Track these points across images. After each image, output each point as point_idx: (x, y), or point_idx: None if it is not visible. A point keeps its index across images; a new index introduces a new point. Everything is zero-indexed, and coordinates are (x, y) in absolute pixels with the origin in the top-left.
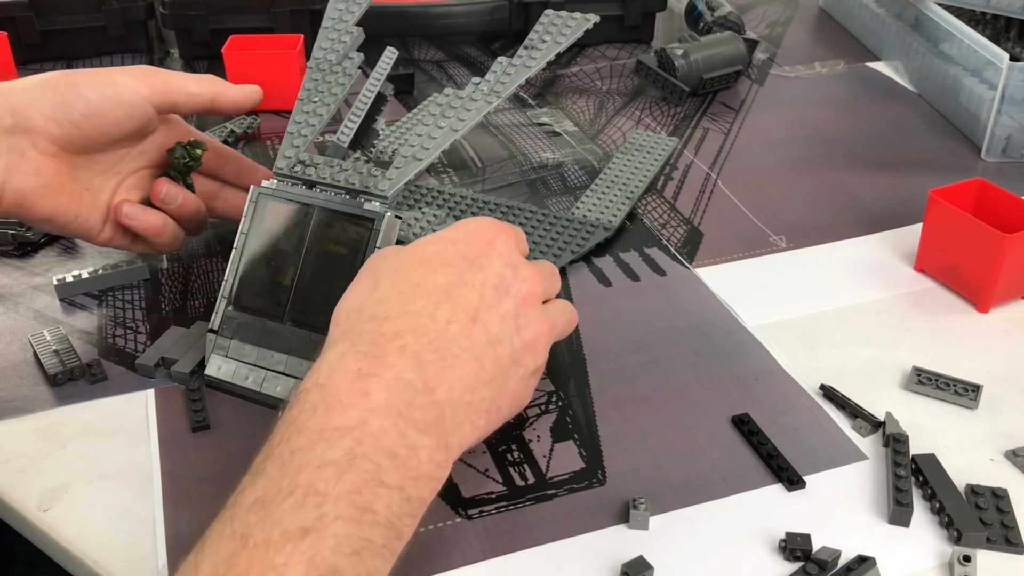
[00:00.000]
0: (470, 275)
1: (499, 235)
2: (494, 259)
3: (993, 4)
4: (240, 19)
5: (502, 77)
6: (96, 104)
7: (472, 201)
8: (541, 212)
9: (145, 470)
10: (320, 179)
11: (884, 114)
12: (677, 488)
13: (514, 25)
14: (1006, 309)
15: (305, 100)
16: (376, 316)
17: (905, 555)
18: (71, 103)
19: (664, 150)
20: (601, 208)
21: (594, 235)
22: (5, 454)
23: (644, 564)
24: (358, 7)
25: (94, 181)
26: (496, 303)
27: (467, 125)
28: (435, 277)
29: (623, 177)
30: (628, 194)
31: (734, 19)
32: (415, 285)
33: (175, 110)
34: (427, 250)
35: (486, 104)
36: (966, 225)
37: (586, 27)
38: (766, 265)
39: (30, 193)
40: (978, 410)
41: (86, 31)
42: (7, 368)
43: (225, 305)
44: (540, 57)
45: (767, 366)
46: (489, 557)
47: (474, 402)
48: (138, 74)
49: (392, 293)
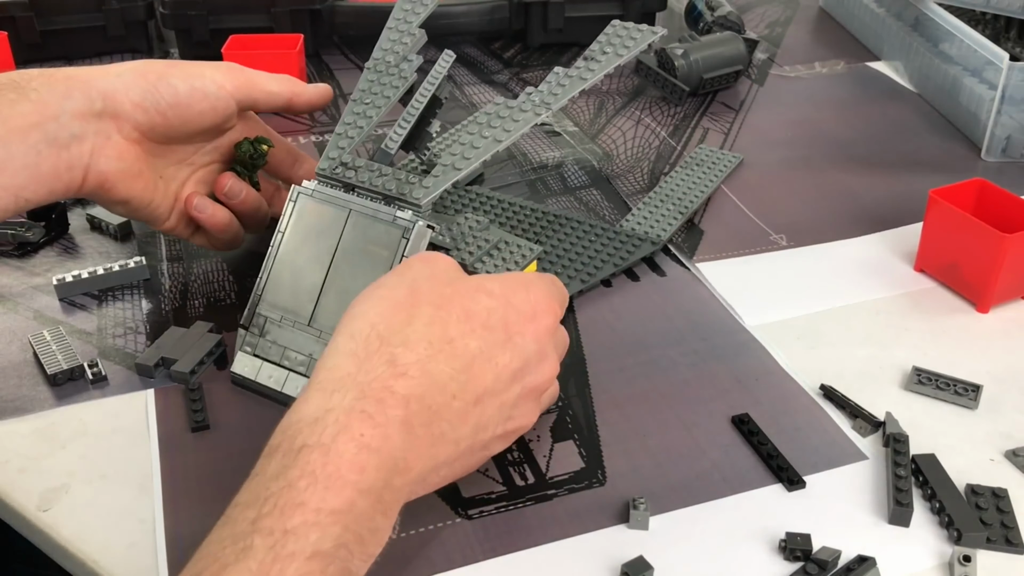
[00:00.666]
0: (499, 351)
1: (548, 313)
2: (529, 340)
3: (993, 4)
4: (240, 19)
5: (555, 88)
6: (183, 95)
7: (520, 209)
8: (589, 223)
9: (145, 470)
10: (358, 183)
11: (884, 114)
12: (677, 488)
13: (514, 25)
14: (1006, 309)
15: (357, 101)
16: (396, 362)
17: (905, 555)
18: (159, 91)
19: (727, 166)
20: (652, 221)
21: (640, 248)
22: (5, 454)
23: (644, 564)
24: (424, 8)
25: (168, 170)
26: (504, 389)
27: (512, 136)
28: (469, 340)
29: (679, 192)
30: (682, 209)
31: (734, 19)
32: (447, 341)
33: (255, 107)
34: (479, 303)
35: (534, 116)
36: (966, 225)
37: (651, 40)
38: (766, 264)
39: (111, 176)
40: (978, 410)
41: (86, 31)
42: (7, 368)
43: (255, 301)
44: (599, 69)
45: (767, 366)
46: (489, 557)
47: (432, 481)
48: (224, 69)
49: (422, 341)
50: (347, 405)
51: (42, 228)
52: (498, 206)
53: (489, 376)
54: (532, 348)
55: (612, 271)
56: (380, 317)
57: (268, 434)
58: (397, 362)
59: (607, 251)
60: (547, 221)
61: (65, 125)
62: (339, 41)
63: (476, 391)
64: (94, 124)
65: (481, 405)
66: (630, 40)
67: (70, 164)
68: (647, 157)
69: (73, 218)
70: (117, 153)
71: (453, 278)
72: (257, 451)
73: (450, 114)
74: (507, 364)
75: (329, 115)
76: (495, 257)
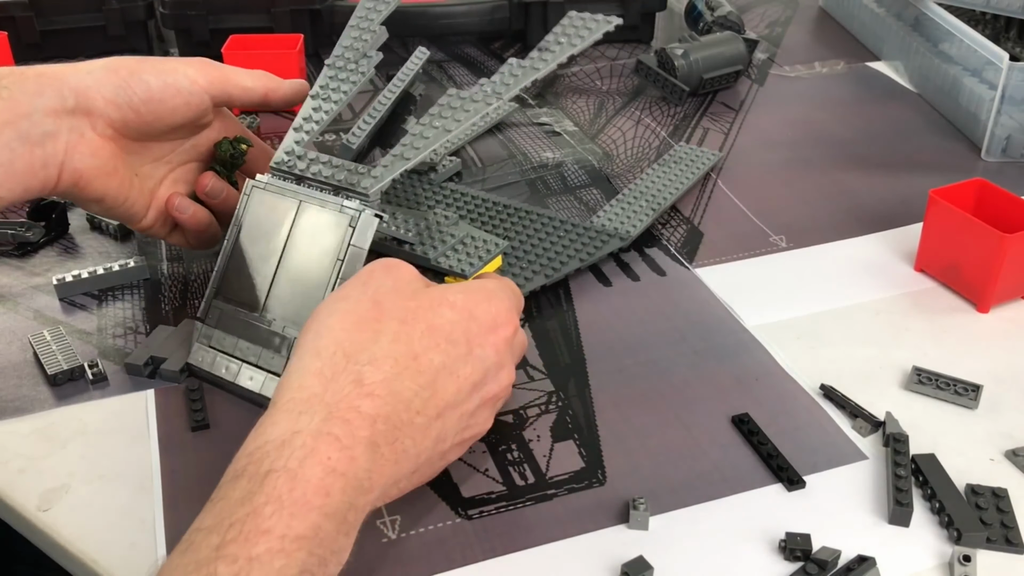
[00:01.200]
0: (461, 364)
1: (508, 324)
2: (489, 351)
3: (993, 4)
4: (240, 19)
5: (507, 78)
6: (156, 90)
7: (493, 205)
8: (559, 220)
9: (145, 470)
10: (310, 175)
11: (884, 114)
12: (677, 488)
13: (514, 25)
14: (1006, 309)
15: (316, 96)
16: (362, 381)
17: (905, 555)
18: (131, 87)
19: (704, 164)
20: (622, 218)
21: (607, 244)
22: (5, 454)
23: (644, 564)
24: (386, 6)
25: (144, 168)
26: (464, 400)
27: (462, 126)
28: (433, 355)
29: (652, 189)
30: (653, 206)
31: (734, 19)
32: (412, 357)
33: (230, 103)
34: (442, 316)
35: (484, 105)
36: (966, 225)
37: (606, 29)
38: (766, 265)
39: (86, 173)
40: (978, 410)
41: (86, 31)
42: (7, 368)
43: (211, 295)
44: (551, 59)
45: (767, 366)
46: (489, 557)
47: (391, 494)
48: (197, 65)
49: (388, 358)
50: (315, 427)
51: (42, 228)
52: (471, 202)
53: (451, 389)
54: (492, 359)
55: (577, 266)
56: (345, 333)
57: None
58: (364, 381)
59: (574, 247)
60: (518, 217)
61: (38, 123)
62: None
63: (438, 405)
64: (67, 121)
65: (442, 418)
66: (585, 30)
67: (44, 161)
68: (647, 157)
69: (73, 218)
70: (91, 150)
71: (416, 290)
72: None
73: None
74: (468, 376)
75: None
76: (459, 252)
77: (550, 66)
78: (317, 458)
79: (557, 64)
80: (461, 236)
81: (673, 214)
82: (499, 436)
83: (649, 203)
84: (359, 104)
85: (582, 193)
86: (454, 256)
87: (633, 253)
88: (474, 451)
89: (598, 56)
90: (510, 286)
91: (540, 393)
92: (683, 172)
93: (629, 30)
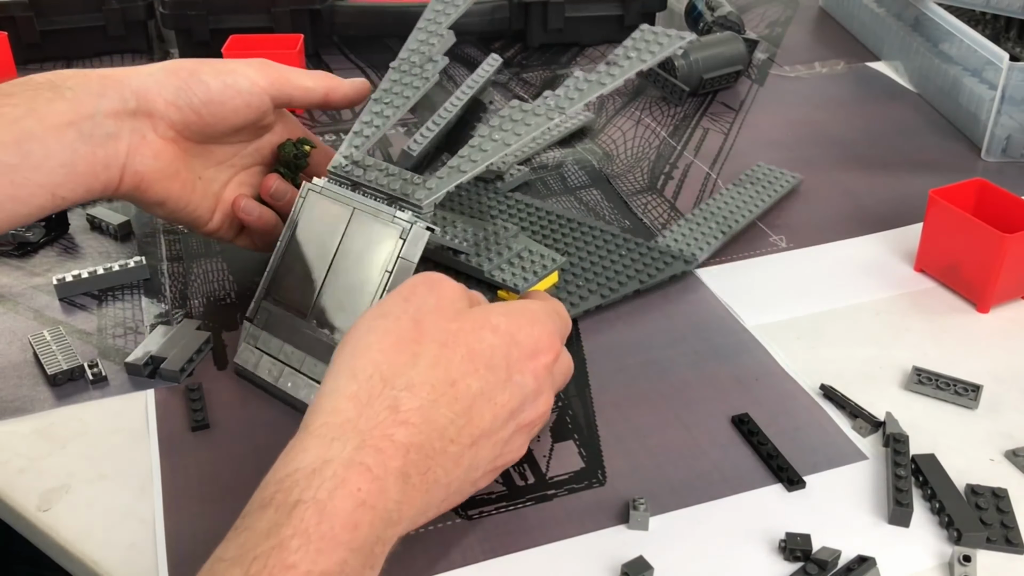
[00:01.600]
0: (499, 391)
1: (550, 351)
2: (528, 378)
3: (993, 4)
4: (240, 19)
5: (572, 92)
6: (216, 91)
7: (545, 215)
8: (623, 236)
9: (145, 470)
10: (365, 181)
11: (884, 114)
12: (677, 488)
13: (514, 25)
14: (1006, 309)
15: (378, 100)
16: (398, 408)
17: (905, 555)
18: (191, 89)
19: (783, 186)
20: (688, 239)
21: (670, 267)
22: (5, 454)
23: (644, 564)
24: (456, 9)
25: (207, 171)
26: (499, 428)
27: (522, 140)
28: (471, 380)
29: (725, 210)
30: (724, 228)
31: (734, 19)
32: (450, 383)
33: (291, 103)
34: (483, 341)
35: (547, 120)
36: (966, 225)
37: (678, 45)
38: (766, 265)
39: (148, 176)
40: (978, 410)
41: (86, 31)
42: (7, 368)
43: (261, 295)
44: (619, 74)
45: (767, 366)
46: (489, 557)
47: (418, 522)
48: (257, 66)
49: (426, 384)
50: (347, 456)
51: (42, 228)
52: (534, 214)
53: (487, 417)
54: (531, 386)
55: (636, 288)
56: (383, 355)
57: (268, 434)
58: (399, 408)
59: (634, 267)
60: (580, 232)
61: (100, 124)
62: (339, 41)
63: (473, 434)
64: (129, 123)
65: (476, 446)
66: (656, 45)
67: (107, 163)
68: (647, 157)
69: (73, 218)
70: (153, 152)
71: (459, 310)
72: (258, 451)
73: None
74: (505, 404)
75: (329, 115)
76: (515, 265)
77: (617, 81)
78: (348, 489)
79: (624, 79)
80: (518, 249)
81: (673, 214)
82: None
83: (719, 225)
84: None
85: (582, 193)
86: (509, 270)
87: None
88: None
89: (598, 56)
90: (556, 309)
91: None
92: (760, 193)
93: (629, 30)
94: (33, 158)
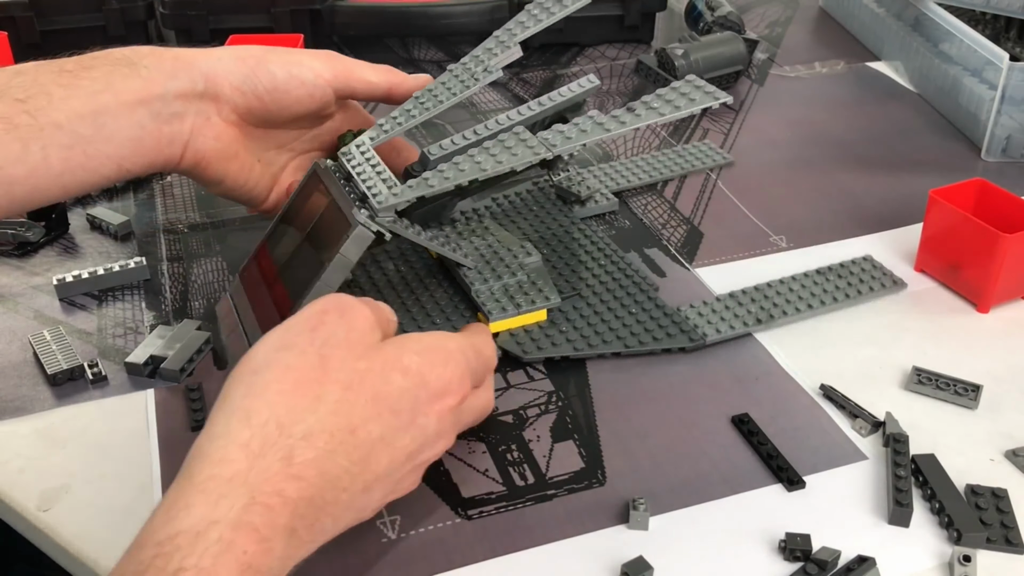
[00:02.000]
0: (400, 435)
1: (458, 393)
2: (432, 420)
3: (993, 4)
4: (240, 19)
5: (577, 134)
6: (281, 81)
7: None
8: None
9: (145, 470)
10: (355, 173)
11: (884, 114)
12: (677, 488)
13: None
14: (1006, 309)
15: (419, 96)
16: (291, 460)
17: (905, 555)
18: (258, 76)
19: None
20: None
21: (674, 339)
22: (5, 454)
23: (644, 564)
24: (536, 23)
25: (267, 154)
26: (396, 470)
27: (501, 168)
28: (372, 426)
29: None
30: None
31: (734, 19)
32: (350, 431)
33: (353, 96)
34: (391, 383)
35: (533, 156)
36: (966, 225)
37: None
38: (766, 265)
39: (208, 155)
40: (978, 410)
41: (86, 31)
42: (7, 368)
43: (252, 256)
44: (631, 123)
45: (767, 366)
46: (489, 557)
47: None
48: (323, 58)
49: (323, 433)
50: (233, 518)
51: (42, 228)
52: (574, 243)
53: (384, 462)
54: (432, 428)
55: (616, 351)
56: (281, 397)
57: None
58: (293, 460)
59: (630, 330)
60: (606, 271)
61: (169, 103)
62: (339, 41)
63: (367, 480)
64: (195, 104)
65: (368, 491)
66: (684, 100)
67: (171, 139)
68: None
69: (73, 218)
70: (215, 134)
71: (369, 345)
72: None
73: (450, 114)
74: (405, 447)
75: None
76: (507, 293)
77: (627, 128)
78: (233, 554)
79: (635, 128)
80: (521, 277)
81: (673, 214)
82: (499, 436)
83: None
84: None
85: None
86: (495, 295)
87: (633, 254)
88: (474, 451)
89: (598, 56)
90: (477, 346)
91: (540, 393)
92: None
93: (629, 30)
94: (106, 131)
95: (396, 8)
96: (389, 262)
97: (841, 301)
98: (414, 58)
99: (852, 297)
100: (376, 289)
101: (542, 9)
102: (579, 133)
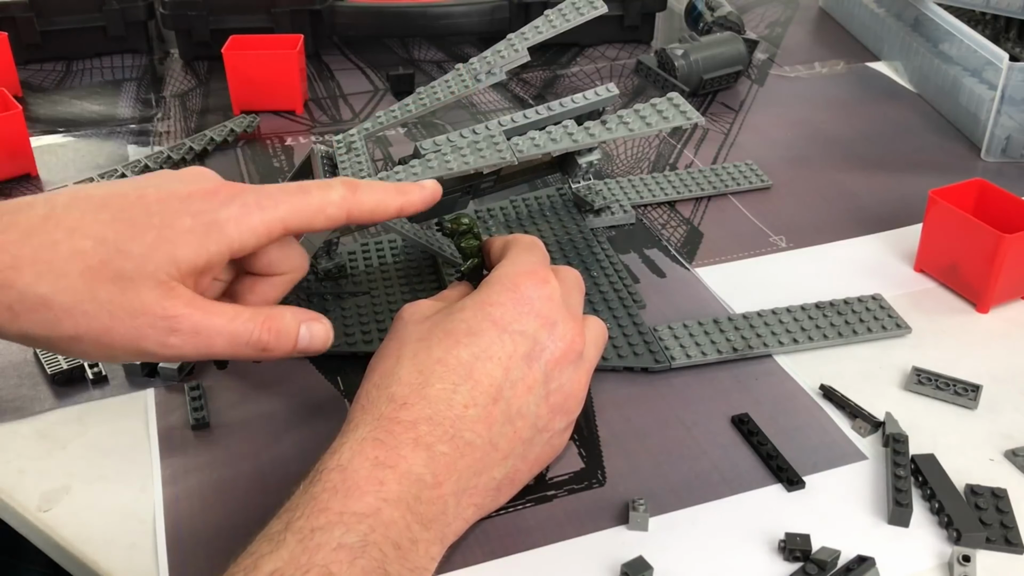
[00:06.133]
0: (497, 346)
1: (538, 290)
2: (528, 321)
3: (993, 4)
4: (240, 19)
5: (546, 142)
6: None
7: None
8: (631, 306)
9: (145, 470)
10: (338, 163)
11: (884, 114)
12: (677, 488)
13: (514, 25)
14: (1006, 309)
15: (421, 91)
16: (394, 398)
17: (905, 555)
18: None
19: None
20: (688, 343)
21: (639, 359)
22: (5, 455)
23: (644, 564)
24: (552, 29)
25: None
26: (524, 374)
27: (468, 168)
28: (458, 351)
29: (739, 335)
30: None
31: (734, 19)
32: (436, 361)
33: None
34: (455, 319)
35: (500, 160)
36: (966, 225)
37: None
38: (766, 265)
39: None
40: (978, 410)
41: (86, 31)
42: (7, 368)
43: None
44: (600, 135)
45: (767, 366)
46: (489, 559)
47: (480, 485)
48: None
49: (412, 372)
50: (360, 436)
51: None
52: (568, 244)
53: (497, 371)
54: (534, 324)
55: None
56: (374, 372)
57: (268, 433)
58: (395, 398)
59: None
60: (594, 282)
61: None
62: (339, 41)
63: (488, 391)
64: None
65: (502, 400)
66: (657, 118)
67: None
68: (647, 157)
69: None
70: None
71: (430, 314)
72: (258, 450)
73: (450, 114)
74: (511, 353)
75: (329, 115)
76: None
77: (595, 141)
78: (364, 456)
79: (602, 140)
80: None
81: (673, 214)
82: None
83: (729, 343)
84: None
85: None
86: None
87: (633, 254)
88: None
89: (598, 56)
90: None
91: None
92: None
93: (629, 30)
94: None
95: (396, 8)
96: (389, 255)
97: (832, 339)
98: (414, 58)
99: (846, 336)
100: (373, 281)
101: (560, 16)
102: (548, 141)
